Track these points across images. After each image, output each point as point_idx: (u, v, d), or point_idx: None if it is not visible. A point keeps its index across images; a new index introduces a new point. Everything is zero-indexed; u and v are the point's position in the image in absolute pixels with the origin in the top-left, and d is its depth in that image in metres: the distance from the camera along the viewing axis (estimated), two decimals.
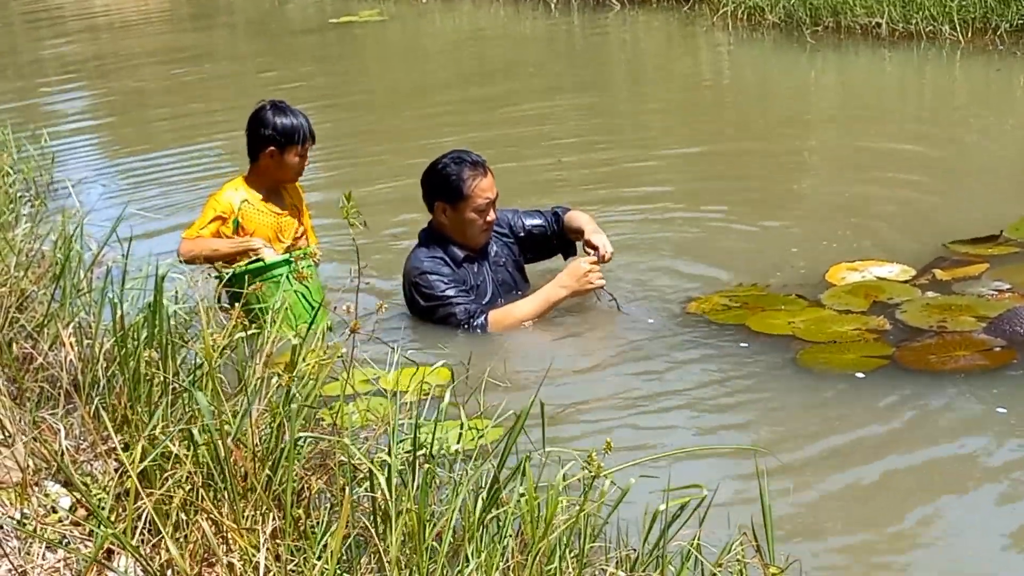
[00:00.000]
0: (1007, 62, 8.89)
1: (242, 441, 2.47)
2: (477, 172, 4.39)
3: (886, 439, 3.59)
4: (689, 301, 4.60)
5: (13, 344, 3.05)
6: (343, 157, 7.67)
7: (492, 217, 4.46)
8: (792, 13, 10.52)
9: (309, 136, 4.61)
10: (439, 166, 4.43)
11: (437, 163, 4.45)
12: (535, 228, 4.74)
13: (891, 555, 3.03)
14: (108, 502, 2.36)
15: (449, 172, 4.39)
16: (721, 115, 8.36)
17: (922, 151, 6.92)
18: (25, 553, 2.29)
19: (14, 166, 6.41)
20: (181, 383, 2.66)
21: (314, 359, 2.76)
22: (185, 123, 8.98)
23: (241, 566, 2.27)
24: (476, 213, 4.40)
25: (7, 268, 3.50)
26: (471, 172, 4.38)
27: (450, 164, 4.41)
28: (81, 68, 12.43)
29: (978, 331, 4.12)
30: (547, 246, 4.78)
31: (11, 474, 2.50)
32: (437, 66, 11.48)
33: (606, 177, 6.66)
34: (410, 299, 4.49)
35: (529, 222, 4.74)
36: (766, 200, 6.06)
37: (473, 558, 2.26)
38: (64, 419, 2.72)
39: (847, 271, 4.75)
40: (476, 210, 4.40)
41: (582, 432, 3.61)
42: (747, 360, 4.12)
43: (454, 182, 4.38)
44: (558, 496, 2.36)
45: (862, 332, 4.20)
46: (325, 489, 2.54)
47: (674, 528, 2.39)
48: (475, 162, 4.41)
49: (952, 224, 5.20)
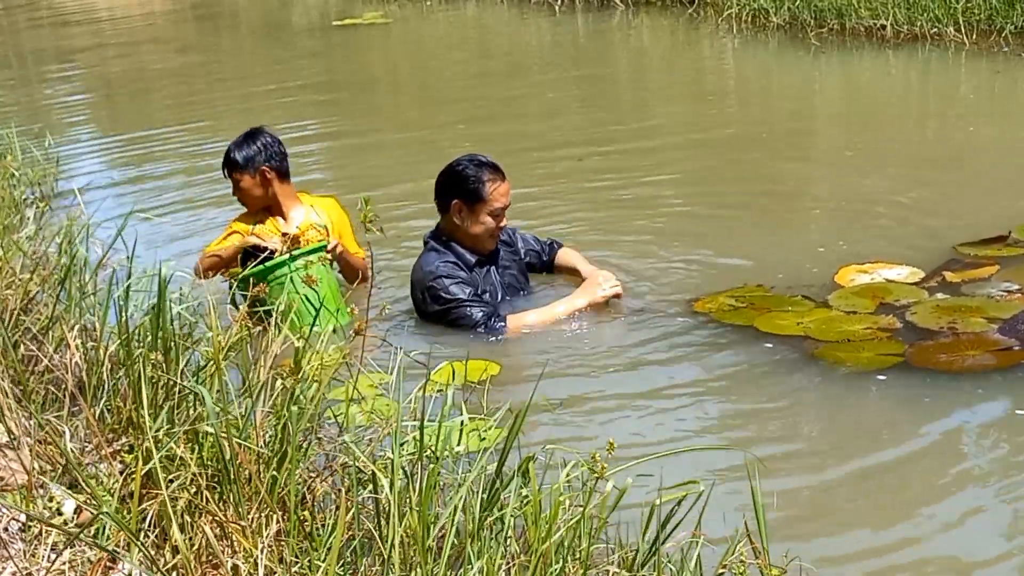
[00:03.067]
0: (1012, 64, 8.88)
1: (247, 443, 2.46)
2: (496, 176, 4.40)
3: (899, 438, 3.57)
4: (696, 300, 4.59)
5: (18, 346, 3.04)
6: (344, 157, 7.67)
7: (504, 224, 4.48)
8: (796, 15, 10.52)
9: (223, 167, 4.70)
10: (459, 167, 4.42)
11: (457, 163, 4.44)
12: (530, 252, 4.82)
13: (901, 555, 3.01)
14: (113, 504, 2.35)
15: (469, 174, 4.38)
16: (726, 116, 8.35)
17: (929, 153, 6.91)
18: (30, 555, 2.29)
19: (19, 169, 6.41)
20: (186, 385, 2.66)
21: (319, 361, 2.75)
22: (191, 127, 8.99)
23: (246, 568, 2.26)
24: (491, 217, 4.41)
25: (12, 270, 3.50)
26: (491, 176, 4.38)
27: (470, 166, 4.40)
28: (86, 71, 12.44)
29: (990, 331, 4.11)
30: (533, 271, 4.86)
31: (16, 476, 2.49)
32: (440, 68, 11.48)
33: (610, 177, 6.64)
34: (421, 303, 4.47)
35: (526, 247, 4.81)
36: (773, 201, 6.05)
37: (476, 559, 2.25)
38: (69, 421, 2.72)
39: (856, 273, 4.74)
40: (492, 214, 4.41)
41: (587, 431, 3.60)
42: (755, 359, 4.11)
43: (473, 184, 4.37)
44: (561, 496, 2.35)
45: (874, 331, 4.19)
46: (330, 491, 2.53)
47: (678, 527, 2.38)
48: (494, 166, 4.42)
49: (961, 226, 5.18)
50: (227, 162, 4.66)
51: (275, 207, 4.72)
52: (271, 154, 4.64)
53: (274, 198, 4.69)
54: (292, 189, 4.78)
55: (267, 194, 4.68)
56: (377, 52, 12.66)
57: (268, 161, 4.63)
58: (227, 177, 4.70)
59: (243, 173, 4.63)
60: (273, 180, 4.65)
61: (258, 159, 4.62)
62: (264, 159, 4.63)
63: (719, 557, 2.42)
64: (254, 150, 4.62)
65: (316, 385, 2.67)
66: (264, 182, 4.65)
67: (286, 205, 4.72)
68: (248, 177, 4.63)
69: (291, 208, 4.73)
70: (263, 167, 4.62)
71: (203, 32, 15.15)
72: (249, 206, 4.73)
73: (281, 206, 4.71)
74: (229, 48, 13.81)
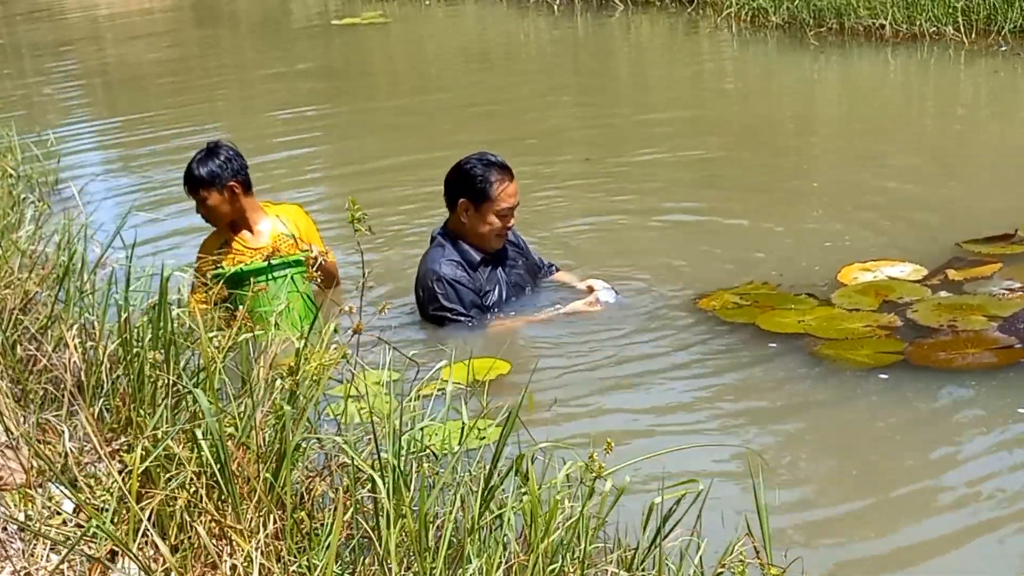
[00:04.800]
0: (1010, 63, 8.88)
1: (245, 443, 2.46)
2: (504, 176, 4.38)
3: (898, 436, 3.57)
4: (699, 298, 4.59)
5: (17, 346, 3.04)
6: (344, 158, 7.66)
7: (511, 224, 4.47)
8: (795, 14, 10.51)
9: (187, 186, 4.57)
10: (467, 165, 4.40)
11: (465, 162, 4.42)
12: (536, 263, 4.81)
13: (900, 553, 3.01)
14: (112, 504, 2.34)
15: (476, 173, 4.37)
16: (726, 115, 8.35)
17: (929, 152, 6.91)
18: (29, 555, 2.28)
19: (18, 168, 6.40)
20: (184, 385, 2.65)
21: (317, 361, 2.74)
22: (189, 126, 8.97)
23: (243, 568, 2.25)
24: (498, 217, 4.40)
25: (11, 270, 3.49)
26: (499, 176, 4.37)
27: (478, 165, 4.38)
28: (85, 69, 12.44)
29: (990, 329, 4.10)
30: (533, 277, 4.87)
31: (15, 476, 2.49)
32: (440, 68, 11.48)
33: (612, 176, 6.65)
34: (421, 299, 4.47)
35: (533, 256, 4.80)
36: (776, 200, 6.05)
37: (475, 558, 2.25)
38: (68, 421, 2.71)
39: (859, 271, 4.74)
40: (498, 214, 4.39)
41: (587, 428, 3.60)
42: (756, 357, 4.12)
43: (480, 183, 4.36)
44: (559, 496, 2.34)
45: (874, 329, 4.19)
46: (328, 491, 2.53)
47: (677, 525, 2.38)
48: (503, 166, 4.40)
49: (965, 223, 5.18)
50: (192, 180, 4.51)
51: (241, 221, 4.60)
52: (236, 168, 4.52)
53: (240, 212, 4.57)
54: (256, 201, 4.67)
55: (234, 209, 4.57)
56: (376, 52, 12.65)
57: (235, 176, 4.51)
58: (191, 196, 4.56)
59: (210, 190, 4.50)
60: (240, 194, 4.54)
61: (224, 174, 4.49)
62: (230, 174, 4.50)
63: (718, 556, 2.42)
64: (218, 165, 4.49)
65: (315, 385, 2.67)
66: (232, 197, 4.53)
67: (253, 218, 4.60)
68: (216, 194, 4.50)
69: (258, 221, 4.62)
70: (230, 182, 4.50)
71: (202, 31, 15.14)
72: (216, 223, 4.62)
73: (248, 220, 4.60)
74: (229, 48, 13.80)
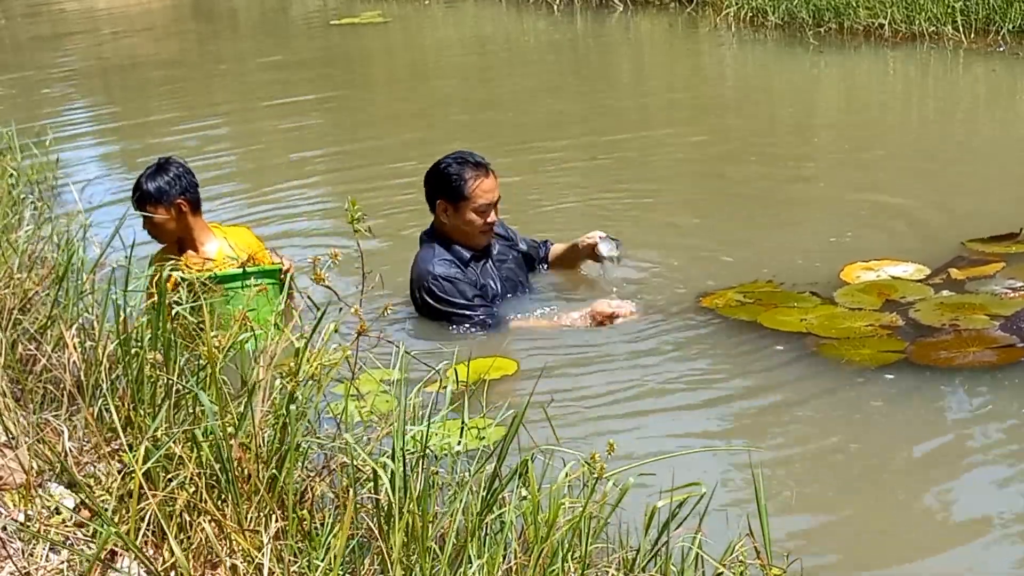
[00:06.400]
0: (1009, 63, 8.89)
1: (245, 443, 2.45)
2: (479, 173, 4.39)
3: (899, 435, 3.57)
4: (703, 296, 4.59)
5: (16, 346, 3.03)
6: (344, 158, 7.65)
7: (493, 219, 4.48)
8: (795, 14, 10.52)
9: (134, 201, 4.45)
10: (442, 166, 4.44)
11: (440, 163, 4.46)
12: (529, 247, 4.87)
13: (901, 552, 3.01)
14: (112, 504, 2.34)
15: (451, 172, 4.40)
16: (726, 115, 8.35)
17: (929, 151, 6.90)
18: (29, 555, 2.27)
19: (18, 168, 6.40)
20: (184, 385, 2.64)
21: (318, 361, 2.74)
22: (189, 126, 8.97)
23: (244, 568, 2.25)
24: (476, 214, 4.41)
25: (10, 270, 3.48)
26: (473, 173, 4.39)
27: (452, 164, 4.42)
28: (84, 69, 12.43)
29: (992, 328, 4.10)
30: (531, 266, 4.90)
31: (15, 476, 2.48)
32: (439, 68, 11.48)
33: (615, 176, 6.65)
34: (420, 301, 4.48)
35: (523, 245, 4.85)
36: (777, 199, 6.05)
37: (476, 559, 2.24)
38: (67, 421, 2.71)
39: (862, 270, 4.74)
40: (476, 211, 4.41)
41: (590, 427, 3.60)
42: (758, 356, 4.12)
43: (455, 182, 4.38)
44: (560, 497, 2.34)
45: (875, 328, 4.19)
46: (328, 491, 2.52)
47: (678, 525, 2.37)
48: (478, 163, 4.42)
49: (967, 222, 5.19)
50: (139, 195, 4.43)
51: (188, 240, 4.49)
52: (185, 185, 4.44)
53: (187, 230, 4.47)
54: (204, 221, 4.57)
55: (180, 227, 4.46)
56: (376, 52, 12.65)
57: (183, 193, 4.42)
58: (138, 210, 4.44)
59: (157, 206, 4.39)
60: (187, 212, 4.45)
61: (172, 191, 4.40)
62: (179, 191, 4.42)
63: (719, 556, 2.41)
64: (167, 182, 4.41)
65: (316, 385, 2.66)
66: (179, 215, 4.43)
67: (200, 238, 4.50)
68: (163, 210, 4.40)
69: (205, 240, 4.51)
70: (178, 199, 4.41)
71: (201, 30, 15.13)
72: (162, 240, 4.52)
73: (195, 239, 4.50)
74: (228, 47, 13.79)
